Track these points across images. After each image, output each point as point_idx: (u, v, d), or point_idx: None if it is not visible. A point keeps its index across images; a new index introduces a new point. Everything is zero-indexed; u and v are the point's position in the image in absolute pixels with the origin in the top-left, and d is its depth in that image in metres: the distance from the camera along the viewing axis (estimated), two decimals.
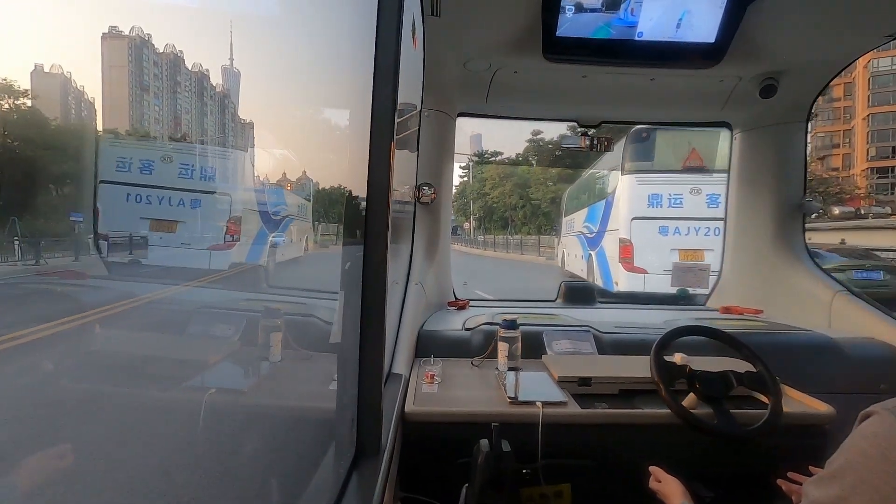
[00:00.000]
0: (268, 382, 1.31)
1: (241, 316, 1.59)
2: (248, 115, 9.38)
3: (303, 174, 7.55)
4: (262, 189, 5.66)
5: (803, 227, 2.32)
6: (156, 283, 1.97)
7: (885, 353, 1.79)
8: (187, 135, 11.14)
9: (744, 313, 2.33)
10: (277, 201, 6.76)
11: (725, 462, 1.39)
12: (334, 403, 0.91)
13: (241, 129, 7.65)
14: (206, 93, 11.17)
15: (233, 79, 8.79)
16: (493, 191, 43.78)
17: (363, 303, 0.86)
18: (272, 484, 0.85)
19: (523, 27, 1.68)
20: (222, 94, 10.92)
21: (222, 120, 9.79)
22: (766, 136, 2.32)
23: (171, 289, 1.84)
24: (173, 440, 0.90)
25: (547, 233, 34.30)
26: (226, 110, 9.60)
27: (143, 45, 8.50)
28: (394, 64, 0.86)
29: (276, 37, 1.17)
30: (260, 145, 6.60)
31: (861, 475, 0.59)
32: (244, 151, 6.28)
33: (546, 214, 38.97)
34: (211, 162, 4.74)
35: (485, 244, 35.11)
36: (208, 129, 10.20)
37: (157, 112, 8.98)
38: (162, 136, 9.60)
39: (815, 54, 1.86)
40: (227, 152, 6.33)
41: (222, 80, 12.91)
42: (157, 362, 1.13)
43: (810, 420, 1.37)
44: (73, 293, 1.40)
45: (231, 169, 4.98)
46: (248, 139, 6.64)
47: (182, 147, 6.21)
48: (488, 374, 1.58)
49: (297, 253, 7.90)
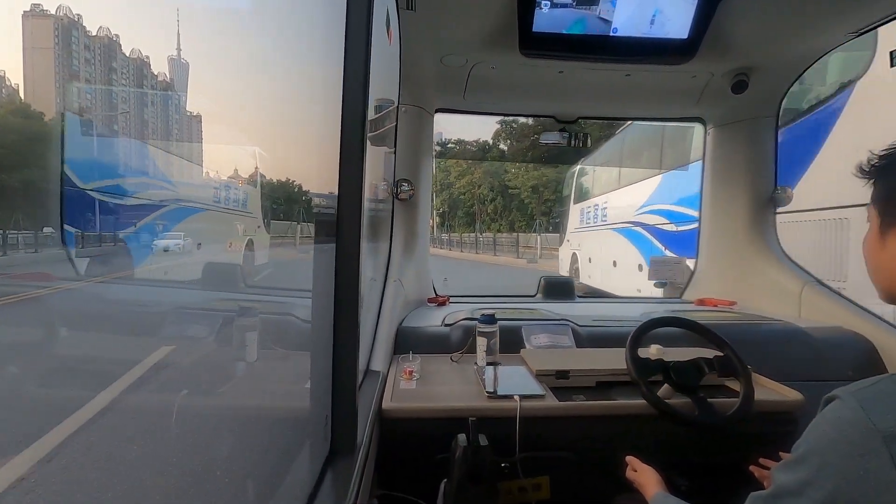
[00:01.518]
0: (243, 383, 1.29)
1: (217, 316, 1.57)
2: (205, 108, 8.87)
3: (254, 171, 6.90)
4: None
5: (774, 220, 2.37)
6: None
7: (851, 341, 1.85)
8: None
9: (718, 305, 2.38)
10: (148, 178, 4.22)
11: (700, 451, 1.42)
12: (308, 402, 0.90)
13: (188, 123, 7.19)
14: (146, 82, 10.62)
15: (180, 70, 8.42)
16: (459, 180, 36.38)
17: (336, 300, 0.85)
18: (244, 485, 0.84)
19: (500, 22, 1.68)
20: (165, 84, 10.44)
21: (165, 112, 9.31)
22: (738, 130, 2.37)
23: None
24: (144, 443, 0.88)
25: (521, 230, 30.50)
26: (170, 101, 9.15)
27: (73, 26, 7.84)
28: (364, 57, 0.85)
29: (239, 29, 1.13)
30: (215, 140, 6.06)
31: (825, 458, 0.61)
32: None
33: (524, 207, 33.59)
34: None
35: (450, 243, 30.32)
36: (149, 121, 9.65)
37: (89, 100, 8.33)
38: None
39: (784, 51, 1.90)
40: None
41: (168, 71, 12.31)
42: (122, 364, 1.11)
43: (781, 407, 1.41)
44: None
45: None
46: (194, 133, 6.10)
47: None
48: (467, 370, 1.59)
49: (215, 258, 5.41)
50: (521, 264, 18.18)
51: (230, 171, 6.41)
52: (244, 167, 6.49)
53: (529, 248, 22.50)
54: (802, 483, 0.62)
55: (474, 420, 1.17)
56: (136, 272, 2.90)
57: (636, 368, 1.36)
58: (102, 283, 1.86)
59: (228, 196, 5.88)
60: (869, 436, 0.57)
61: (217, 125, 6.17)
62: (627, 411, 1.35)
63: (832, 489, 0.58)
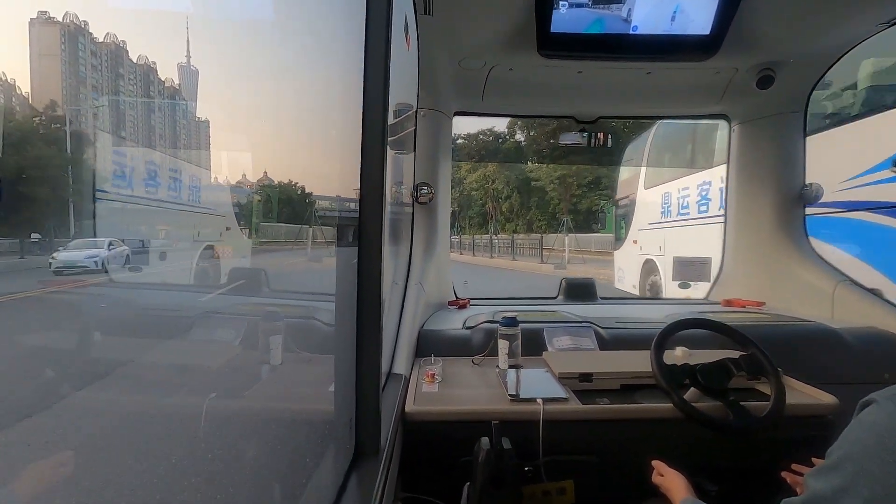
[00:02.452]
0: (268, 386, 1.31)
1: (242, 320, 1.60)
2: (223, 115, 8.86)
3: (264, 174, 6.66)
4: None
5: (804, 217, 2.30)
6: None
7: (887, 342, 1.78)
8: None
9: (746, 306, 2.32)
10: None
11: (729, 455, 1.38)
12: (333, 405, 0.91)
13: (196, 128, 7.21)
14: (152, 87, 10.73)
15: (189, 77, 8.51)
16: (470, 174, 32.88)
17: (359, 304, 0.86)
18: (271, 486, 0.85)
19: (517, 24, 1.67)
20: (172, 90, 10.46)
21: (173, 117, 9.41)
22: (764, 126, 2.31)
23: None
24: (173, 445, 0.90)
25: (541, 230, 26.84)
26: (177, 108, 9.25)
27: (79, 32, 7.87)
28: (384, 63, 0.86)
29: (262, 38, 1.15)
30: (229, 147, 5.81)
31: (861, 465, 0.59)
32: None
33: (545, 204, 29.57)
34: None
35: (461, 246, 26.95)
36: (156, 126, 9.76)
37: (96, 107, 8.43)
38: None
39: (812, 44, 1.85)
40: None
41: (178, 78, 12.32)
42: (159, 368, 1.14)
43: (814, 411, 1.37)
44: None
45: None
46: (203, 138, 5.94)
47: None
48: (489, 373, 1.58)
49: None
50: (548, 270, 15.18)
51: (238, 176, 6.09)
52: (229, 166, 6.23)
53: (552, 251, 19.91)
54: (838, 490, 0.60)
55: (497, 423, 1.17)
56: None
57: (662, 372, 1.33)
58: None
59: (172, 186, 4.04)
60: None
61: (227, 132, 6.12)
62: (653, 415, 1.33)
63: (868, 496, 0.57)
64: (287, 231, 7.51)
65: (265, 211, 6.58)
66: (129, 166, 3.26)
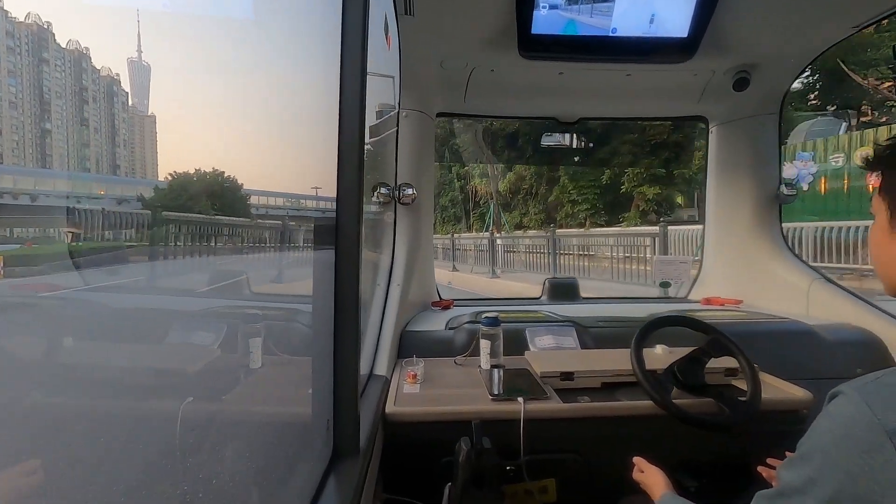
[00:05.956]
0: (246, 388, 1.29)
1: (222, 323, 1.57)
2: (180, 112, 8.37)
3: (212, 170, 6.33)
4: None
5: (780, 217, 2.35)
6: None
7: (861, 338, 1.82)
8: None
9: (724, 304, 2.36)
10: None
11: (707, 450, 1.40)
12: (311, 407, 0.90)
13: (141, 123, 6.77)
14: (85, 76, 10.06)
15: (142, 73, 8.08)
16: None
17: (336, 305, 0.86)
18: (246, 490, 0.84)
19: (498, 25, 1.68)
20: (108, 80, 9.92)
21: (110, 110, 8.92)
22: (741, 128, 2.35)
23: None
24: (145, 451, 0.88)
25: (573, 223, 18.92)
26: (115, 99, 8.77)
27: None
28: (361, 61, 0.86)
29: (233, 34, 1.12)
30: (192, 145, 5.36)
31: (829, 455, 0.60)
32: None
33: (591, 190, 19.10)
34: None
35: (448, 253, 15.48)
36: (89, 119, 9.11)
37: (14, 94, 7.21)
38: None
39: (785, 47, 1.89)
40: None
41: (129, 75, 11.68)
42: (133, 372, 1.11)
43: (789, 406, 1.40)
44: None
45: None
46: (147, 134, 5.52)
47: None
48: (471, 373, 1.58)
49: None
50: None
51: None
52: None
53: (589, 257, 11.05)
54: (807, 481, 0.61)
55: (478, 423, 1.17)
56: None
57: (641, 366, 1.35)
58: None
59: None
60: (873, 431, 0.56)
61: (184, 129, 5.70)
62: (633, 412, 1.34)
63: (837, 486, 0.58)
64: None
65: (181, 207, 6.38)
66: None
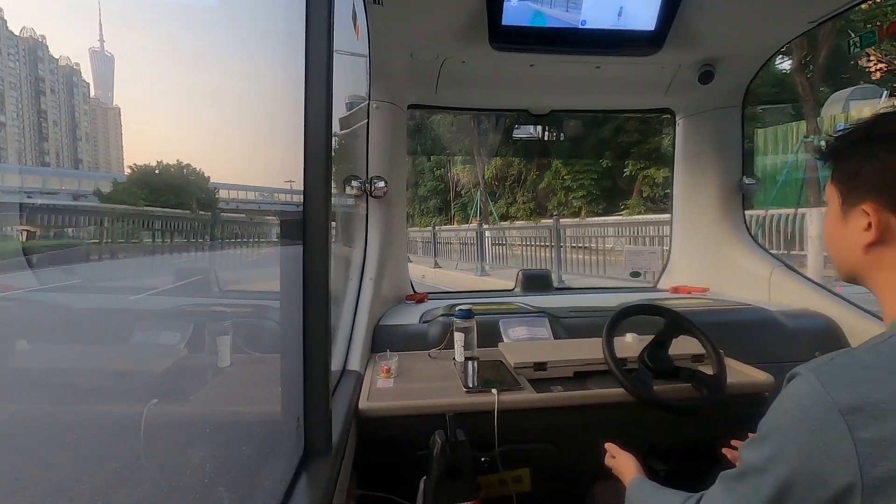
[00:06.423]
0: (214, 388, 1.26)
1: (188, 322, 1.53)
2: (144, 105, 7.93)
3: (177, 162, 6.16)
4: None
5: (742, 207, 2.43)
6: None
7: (819, 323, 1.91)
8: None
9: (691, 292, 2.43)
10: None
11: (676, 434, 1.45)
12: (280, 406, 0.88)
13: (104, 115, 6.54)
14: (41, 65, 9.67)
15: (105, 64, 7.76)
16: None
17: (305, 301, 0.84)
18: (213, 491, 0.82)
19: (469, 16, 1.66)
20: (68, 69, 9.51)
21: (70, 102, 8.54)
22: (705, 120, 2.41)
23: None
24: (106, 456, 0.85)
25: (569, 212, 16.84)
26: (75, 90, 8.38)
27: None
28: (327, 52, 0.83)
29: (194, 22, 1.06)
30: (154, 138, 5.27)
31: (786, 434, 0.62)
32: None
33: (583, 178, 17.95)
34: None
35: (425, 247, 14.17)
36: (47, 111, 8.73)
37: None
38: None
39: (747, 41, 1.94)
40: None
41: (91, 65, 11.03)
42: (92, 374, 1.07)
43: (752, 389, 1.45)
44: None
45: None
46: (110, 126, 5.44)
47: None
48: (446, 366, 1.58)
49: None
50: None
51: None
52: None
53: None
54: (766, 459, 0.63)
55: (452, 416, 1.17)
56: None
57: (612, 355, 1.38)
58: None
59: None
60: (827, 409, 0.58)
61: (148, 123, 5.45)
62: (604, 399, 1.37)
63: (795, 464, 0.60)
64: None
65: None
66: None
